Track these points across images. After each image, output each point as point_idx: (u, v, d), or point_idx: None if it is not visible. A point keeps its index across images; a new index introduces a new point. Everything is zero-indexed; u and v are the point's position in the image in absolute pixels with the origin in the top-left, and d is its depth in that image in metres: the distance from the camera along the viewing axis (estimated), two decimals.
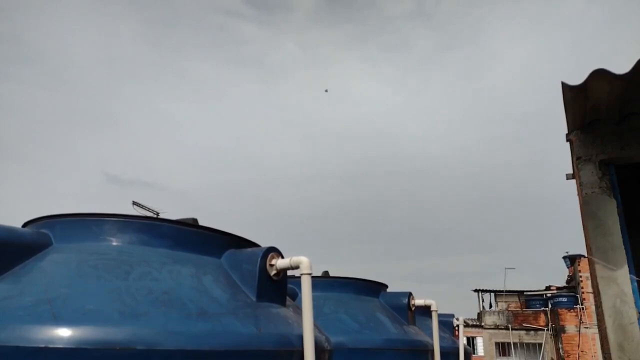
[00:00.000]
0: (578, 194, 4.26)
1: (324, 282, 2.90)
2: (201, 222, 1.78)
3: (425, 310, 3.20)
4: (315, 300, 1.65)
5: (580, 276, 22.11)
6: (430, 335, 2.99)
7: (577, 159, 4.02)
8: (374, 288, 3.07)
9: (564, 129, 4.25)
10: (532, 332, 23.09)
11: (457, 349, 3.76)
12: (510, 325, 23.45)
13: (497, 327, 23.70)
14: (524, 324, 23.44)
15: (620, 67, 3.07)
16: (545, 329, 22.65)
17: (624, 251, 3.63)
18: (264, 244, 1.68)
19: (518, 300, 26.59)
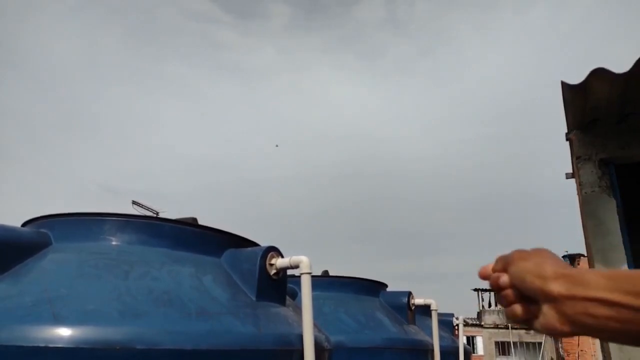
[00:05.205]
0: (578, 194, 4.27)
1: (323, 282, 2.90)
2: (201, 222, 1.78)
3: (425, 310, 3.20)
4: (315, 299, 1.65)
5: None
6: (430, 334, 2.99)
7: (576, 158, 4.02)
8: (374, 287, 3.07)
9: (563, 127, 4.26)
10: (532, 332, 23.08)
11: (457, 348, 3.76)
12: (510, 325, 23.45)
13: (496, 327, 23.71)
14: None
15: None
16: None
17: (624, 251, 3.63)
18: (264, 243, 1.68)
19: None
